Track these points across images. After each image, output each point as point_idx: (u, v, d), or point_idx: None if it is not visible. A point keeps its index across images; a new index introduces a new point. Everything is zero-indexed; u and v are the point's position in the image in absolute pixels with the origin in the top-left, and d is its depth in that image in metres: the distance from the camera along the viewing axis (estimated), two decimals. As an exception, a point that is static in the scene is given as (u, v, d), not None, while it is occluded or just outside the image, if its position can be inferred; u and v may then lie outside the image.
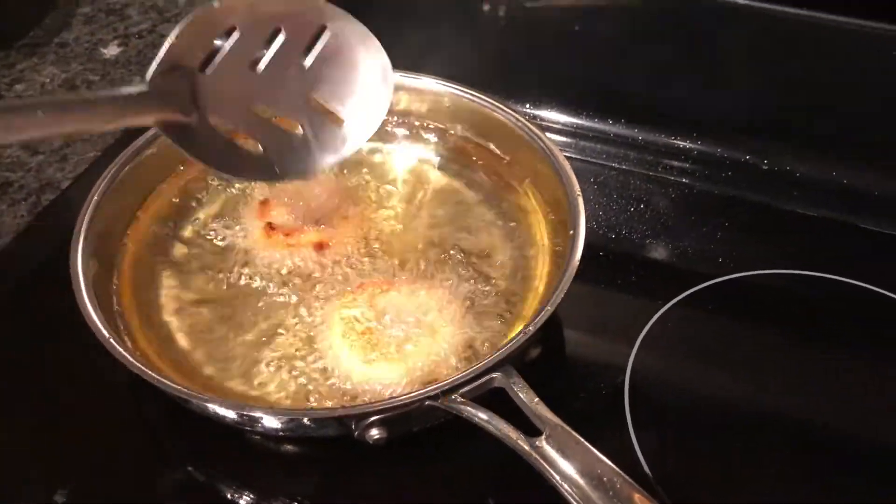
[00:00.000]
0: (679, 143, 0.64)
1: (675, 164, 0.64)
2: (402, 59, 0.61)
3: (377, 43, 0.49)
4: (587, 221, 0.50)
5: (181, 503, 0.47)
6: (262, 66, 0.47)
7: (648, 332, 0.53)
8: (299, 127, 0.48)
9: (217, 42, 0.47)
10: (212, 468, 0.48)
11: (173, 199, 0.59)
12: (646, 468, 0.46)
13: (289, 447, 0.49)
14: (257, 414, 0.44)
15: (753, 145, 0.63)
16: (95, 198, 0.53)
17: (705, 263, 0.57)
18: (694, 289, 0.55)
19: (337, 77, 0.48)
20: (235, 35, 0.47)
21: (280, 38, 0.48)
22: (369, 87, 0.49)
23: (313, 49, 0.48)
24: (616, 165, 0.65)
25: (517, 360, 0.45)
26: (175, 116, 0.46)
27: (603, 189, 0.63)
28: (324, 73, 0.48)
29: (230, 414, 0.44)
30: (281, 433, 0.46)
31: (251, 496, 0.47)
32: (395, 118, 0.62)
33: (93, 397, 0.51)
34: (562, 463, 0.37)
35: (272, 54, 0.48)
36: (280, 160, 0.48)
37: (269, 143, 0.48)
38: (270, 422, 0.44)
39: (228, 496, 0.47)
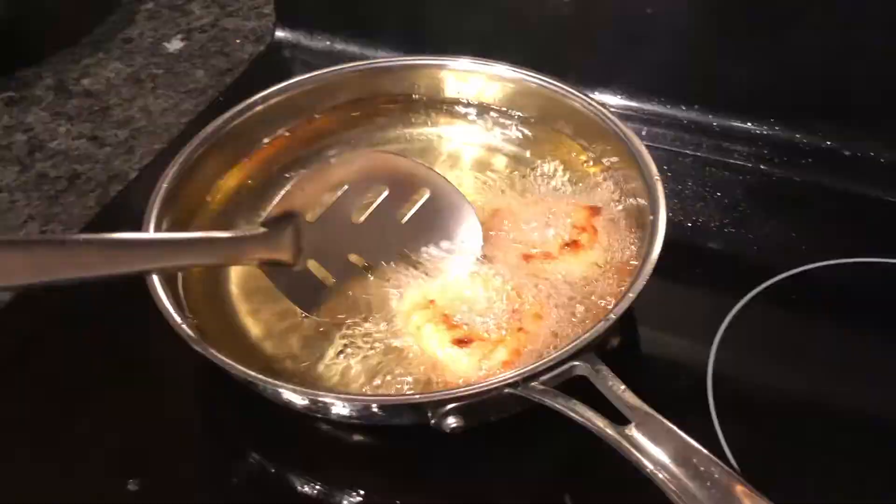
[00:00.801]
0: (755, 128, 0.62)
1: (752, 150, 0.62)
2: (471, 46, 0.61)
3: (469, 206, 0.53)
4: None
5: (251, 493, 0.46)
6: (362, 218, 0.52)
7: (729, 324, 0.51)
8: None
9: (327, 195, 0.52)
10: (282, 459, 0.47)
11: (238, 190, 0.58)
12: (734, 463, 0.44)
13: (363, 437, 0.48)
14: (328, 400, 0.43)
15: (832, 130, 0.61)
16: (165, 185, 0.53)
17: (785, 253, 0.55)
18: (774, 279, 0.53)
19: (428, 236, 0.52)
20: (344, 188, 0.52)
21: (383, 195, 0.53)
22: (456, 246, 0.52)
23: (411, 208, 0.53)
24: (689, 152, 0.63)
25: (597, 350, 0.43)
26: (281, 257, 0.50)
27: (676, 177, 0.61)
28: (417, 231, 0.52)
29: (299, 400, 0.43)
30: (354, 421, 0.45)
31: (321, 487, 0.46)
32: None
33: (165, 385, 0.50)
34: (654, 451, 0.36)
35: (373, 209, 0.52)
36: None
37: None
38: (342, 409, 0.43)
39: (299, 487, 0.46)
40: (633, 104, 0.65)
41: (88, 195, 0.64)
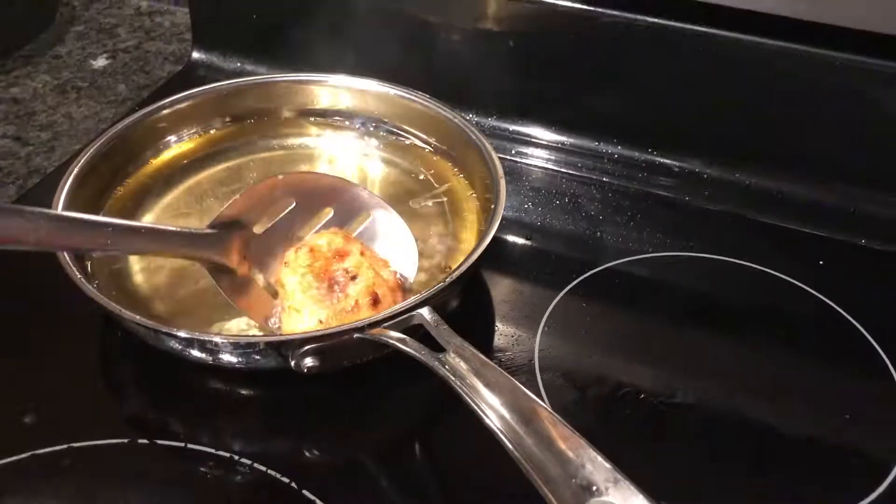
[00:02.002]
0: (602, 147, 0.72)
1: (600, 166, 0.72)
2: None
3: (409, 234, 0.59)
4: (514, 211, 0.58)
5: (134, 431, 0.52)
6: (307, 234, 0.58)
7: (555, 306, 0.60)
8: None
9: (272, 207, 0.59)
10: (163, 402, 0.54)
11: (143, 186, 0.66)
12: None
13: (241, 388, 0.55)
14: (182, 335, 0.49)
15: (670, 150, 0.71)
16: (70, 179, 0.60)
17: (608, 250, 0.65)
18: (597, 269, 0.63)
19: None
20: (292, 205, 0.59)
21: (328, 215, 0.60)
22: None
23: (355, 228, 0.59)
24: (547, 167, 0.73)
25: (438, 307, 0.51)
26: (226, 261, 0.56)
27: (533, 186, 0.71)
28: None
29: (170, 342, 0.50)
30: (217, 363, 0.51)
31: (186, 427, 0.52)
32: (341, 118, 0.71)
33: (63, 332, 0.57)
34: (461, 368, 0.44)
35: (319, 227, 0.59)
36: None
37: None
38: (204, 347, 0.50)
39: (172, 427, 0.52)
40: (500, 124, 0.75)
41: (9, 185, 0.70)
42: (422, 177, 0.67)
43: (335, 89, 0.70)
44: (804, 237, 0.66)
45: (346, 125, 0.71)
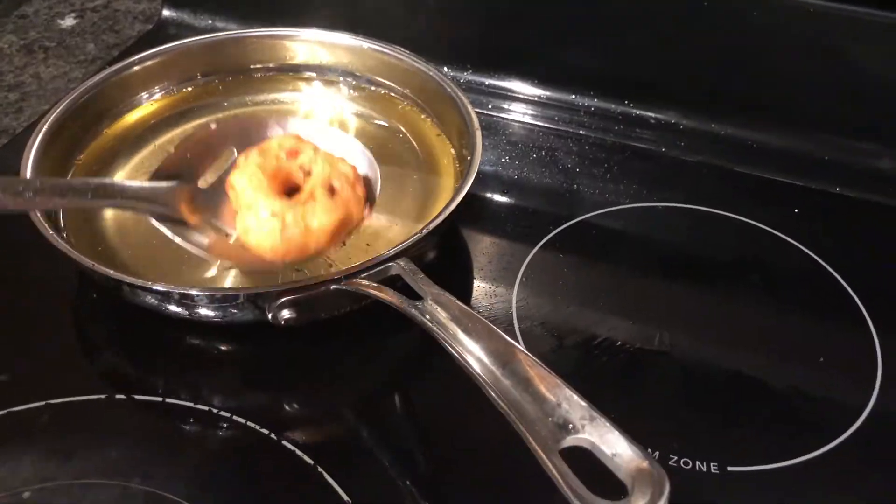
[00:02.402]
0: (578, 100, 0.72)
1: (576, 119, 0.72)
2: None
3: (366, 149, 0.60)
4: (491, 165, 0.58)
5: (111, 387, 0.52)
6: None
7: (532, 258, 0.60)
8: None
9: (215, 160, 0.59)
10: (139, 357, 0.54)
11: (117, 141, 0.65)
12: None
13: (219, 344, 0.55)
14: (158, 288, 0.49)
15: (642, 101, 0.71)
16: (43, 130, 0.59)
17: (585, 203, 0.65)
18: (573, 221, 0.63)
19: None
20: (234, 154, 0.58)
21: None
22: None
23: None
24: (524, 121, 0.72)
25: (414, 258, 0.51)
26: (177, 215, 0.55)
27: (510, 140, 0.70)
28: None
29: (145, 296, 0.50)
30: (194, 316, 0.50)
31: (166, 382, 0.52)
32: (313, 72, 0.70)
33: (36, 289, 0.57)
34: (440, 315, 0.44)
35: None
36: None
37: None
38: (180, 301, 0.49)
39: (149, 382, 0.52)
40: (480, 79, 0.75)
41: (-24, 146, 0.69)
42: (397, 129, 0.66)
43: (307, 44, 0.69)
44: (779, 186, 0.66)
45: (319, 79, 0.70)
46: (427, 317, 0.44)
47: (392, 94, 0.68)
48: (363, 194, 0.54)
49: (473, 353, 0.42)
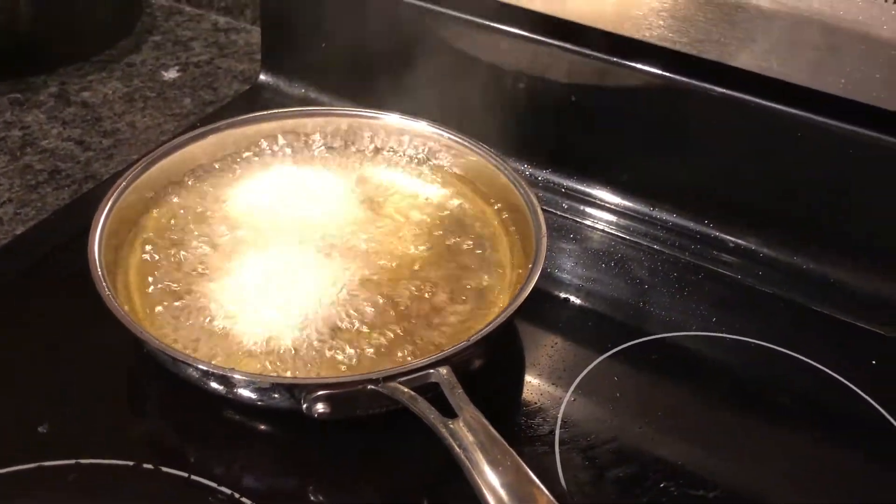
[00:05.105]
0: (657, 213, 0.70)
1: (652, 232, 0.69)
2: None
3: None
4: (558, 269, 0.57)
5: (147, 451, 0.52)
6: None
7: (587, 373, 0.58)
8: None
9: None
10: (178, 428, 0.54)
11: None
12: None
13: (255, 423, 0.54)
14: (200, 366, 0.49)
15: (722, 223, 0.68)
16: (123, 184, 0.61)
17: (651, 320, 0.63)
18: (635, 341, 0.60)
19: None
20: None
21: None
22: None
23: None
24: (598, 227, 0.71)
25: (460, 368, 0.50)
26: None
27: (581, 245, 0.69)
28: None
29: (188, 370, 0.50)
30: (233, 396, 0.50)
31: (200, 456, 0.52)
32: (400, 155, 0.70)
33: (89, 351, 0.57)
34: (467, 438, 0.42)
35: None
36: None
37: None
38: (220, 380, 0.49)
39: (185, 455, 0.52)
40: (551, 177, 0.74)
41: (64, 189, 0.72)
42: (466, 219, 0.65)
43: (387, 126, 0.69)
44: (859, 331, 0.62)
45: (392, 161, 0.70)
46: (453, 437, 0.43)
47: (465, 188, 0.68)
48: None
49: (491, 487, 0.40)
